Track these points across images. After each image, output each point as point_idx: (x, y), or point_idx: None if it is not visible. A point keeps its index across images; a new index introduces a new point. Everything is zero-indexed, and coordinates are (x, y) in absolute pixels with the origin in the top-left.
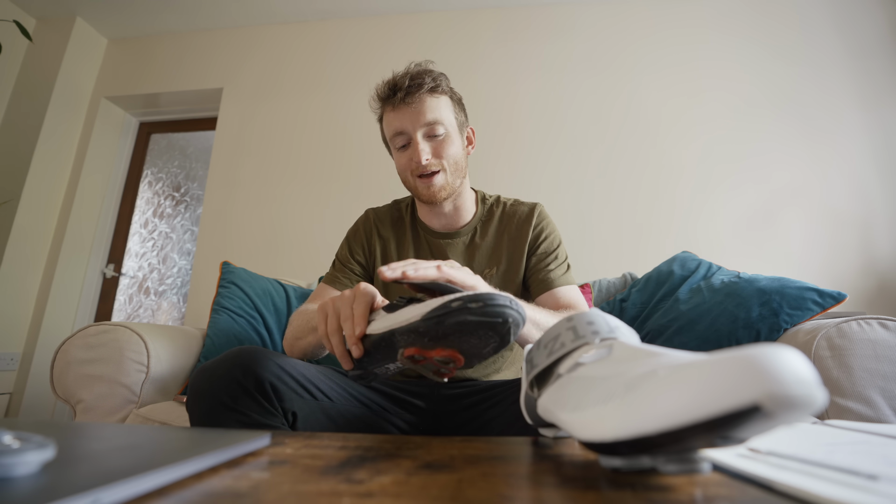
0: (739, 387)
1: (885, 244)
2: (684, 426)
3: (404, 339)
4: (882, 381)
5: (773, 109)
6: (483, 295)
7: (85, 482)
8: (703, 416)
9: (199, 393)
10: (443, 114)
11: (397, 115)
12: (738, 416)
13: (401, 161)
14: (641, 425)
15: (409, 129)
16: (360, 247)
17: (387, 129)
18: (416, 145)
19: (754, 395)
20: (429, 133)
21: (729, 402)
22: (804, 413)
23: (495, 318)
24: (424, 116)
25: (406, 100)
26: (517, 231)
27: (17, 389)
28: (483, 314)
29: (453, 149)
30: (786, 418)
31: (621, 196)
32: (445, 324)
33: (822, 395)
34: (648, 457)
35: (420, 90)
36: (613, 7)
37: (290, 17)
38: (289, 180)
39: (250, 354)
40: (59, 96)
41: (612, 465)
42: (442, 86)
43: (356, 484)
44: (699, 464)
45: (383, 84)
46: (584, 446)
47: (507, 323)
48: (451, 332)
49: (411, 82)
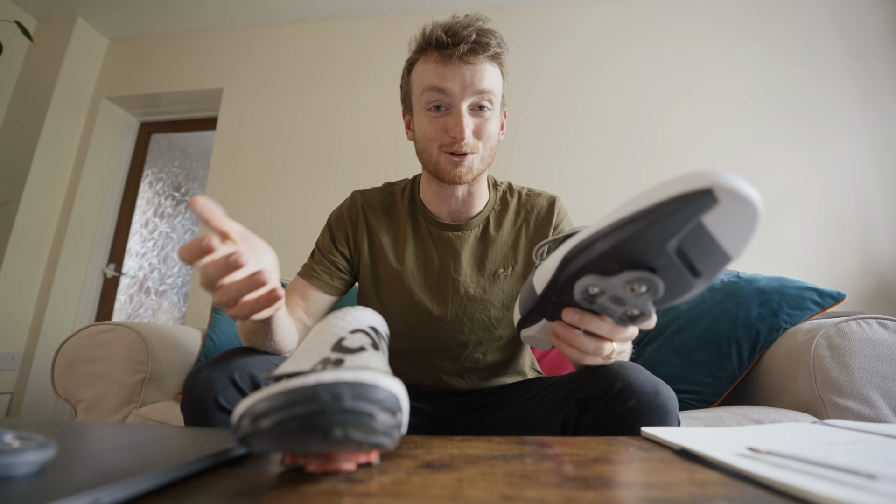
0: (695, 180)
1: (884, 244)
2: (648, 208)
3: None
4: (881, 380)
5: (772, 109)
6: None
7: (85, 482)
8: (663, 197)
9: (193, 395)
10: (496, 87)
11: (448, 70)
12: (689, 202)
13: (430, 127)
14: (600, 226)
15: (456, 92)
16: (343, 235)
17: (421, 79)
18: (461, 116)
19: (707, 183)
20: (476, 104)
21: (685, 187)
22: (747, 207)
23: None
24: (480, 83)
25: (465, 57)
26: (536, 229)
27: (17, 389)
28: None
29: (493, 130)
30: (731, 210)
31: (621, 194)
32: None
33: (758, 193)
34: (599, 276)
35: (485, 51)
36: (614, 7)
37: (291, 17)
38: (289, 180)
39: (246, 355)
40: (59, 96)
41: (577, 298)
42: (503, 56)
43: (356, 484)
44: (654, 284)
45: (436, 26)
46: (550, 290)
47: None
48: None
49: (478, 38)
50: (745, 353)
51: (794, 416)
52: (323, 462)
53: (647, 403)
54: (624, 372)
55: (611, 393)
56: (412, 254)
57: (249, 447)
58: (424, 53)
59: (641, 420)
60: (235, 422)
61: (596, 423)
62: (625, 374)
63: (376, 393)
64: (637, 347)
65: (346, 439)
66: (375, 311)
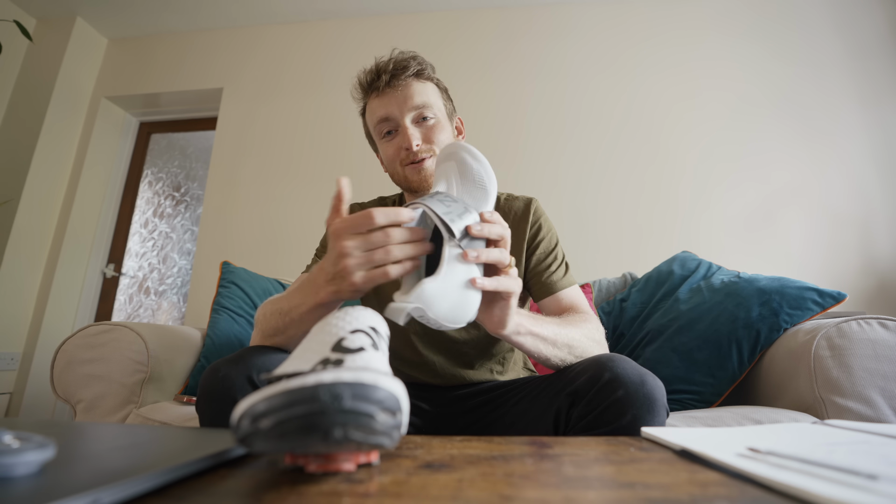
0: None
1: (884, 244)
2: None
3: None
4: (882, 380)
5: (772, 109)
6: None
7: (85, 482)
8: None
9: (210, 393)
10: (431, 99)
11: (382, 101)
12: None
13: (388, 151)
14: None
15: (395, 115)
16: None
17: (371, 117)
18: (405, 130)
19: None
20: (417, 118)
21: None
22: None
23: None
24: (412, 100)
25: (392, 83)
26: (514, 229)
27: (17, 389)
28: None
29: (444, 136)
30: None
31: (621, 196)
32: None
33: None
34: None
35: (406, 73)
36: (614, 8)
37: (291, 17)
38: (289, 180)
39: (262, 353)
40: (59, 96)
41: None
42: (427, 71)
43: (356, 484)
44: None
45: (365, 71)
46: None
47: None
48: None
49: (396, 66)
50: (746, 354)
51: (794, 417)
52: (323, 462)
53: (634, 393)
54: (612, 364)
55: (599, 384)
56: None
57: (249, 447)
58: (366, 97)
59: (630, 410)
60: (235, 422)
61: (586, 415)
62: (612, 365)
63: (376, 393)
64: (637, 348)
65: (345, 439)
66: (375, 312)
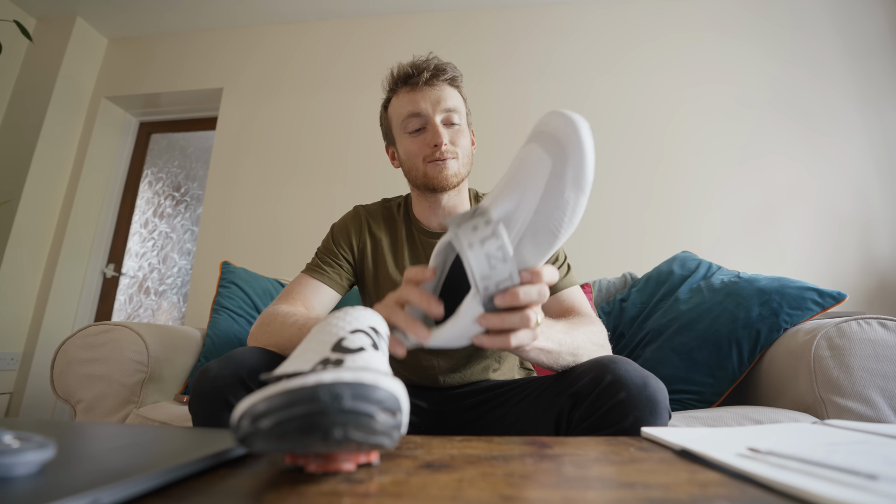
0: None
1: (884, 244)
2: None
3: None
4: (882, 380)
5: (772, 110)
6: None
7: (85, 482)
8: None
9: (203, 394)
10: (459, 105)
11: (417, 96)
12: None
13: (411, 147)
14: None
15: (428, 112)
16: (346, 241)
17: (398, 110)
18: (436, 128)
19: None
20: (447, 120)
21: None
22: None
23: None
24: (445, 102)
25: (430, 82)
26: None
27: (17, 389)
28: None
29: (465, 141)
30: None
31: (621, 196)
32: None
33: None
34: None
35: (443, 75)
36: (613, 8)
37: (291, 17)
38: (289, 180)
39: (255, 354)
40: (59, 96)
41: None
42: (459, 81)
43: (356, 484)
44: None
45: (403, 64)
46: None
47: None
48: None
49: (437, 67)
50: (746, 354)
51: (794, 417)
52: (323, 462)
53: (636, 395)
54: (614, 366)
55: (601, 386)
56: (408, 260)
57: (249, 447)
58: (396, 90)
59: (632, 412)
60: (235, 422)
61: (588, 417)
62: (615, 367)
63: (376, 393)
64: (637, 348)
65: (345, 439)
66: (376, 312)
